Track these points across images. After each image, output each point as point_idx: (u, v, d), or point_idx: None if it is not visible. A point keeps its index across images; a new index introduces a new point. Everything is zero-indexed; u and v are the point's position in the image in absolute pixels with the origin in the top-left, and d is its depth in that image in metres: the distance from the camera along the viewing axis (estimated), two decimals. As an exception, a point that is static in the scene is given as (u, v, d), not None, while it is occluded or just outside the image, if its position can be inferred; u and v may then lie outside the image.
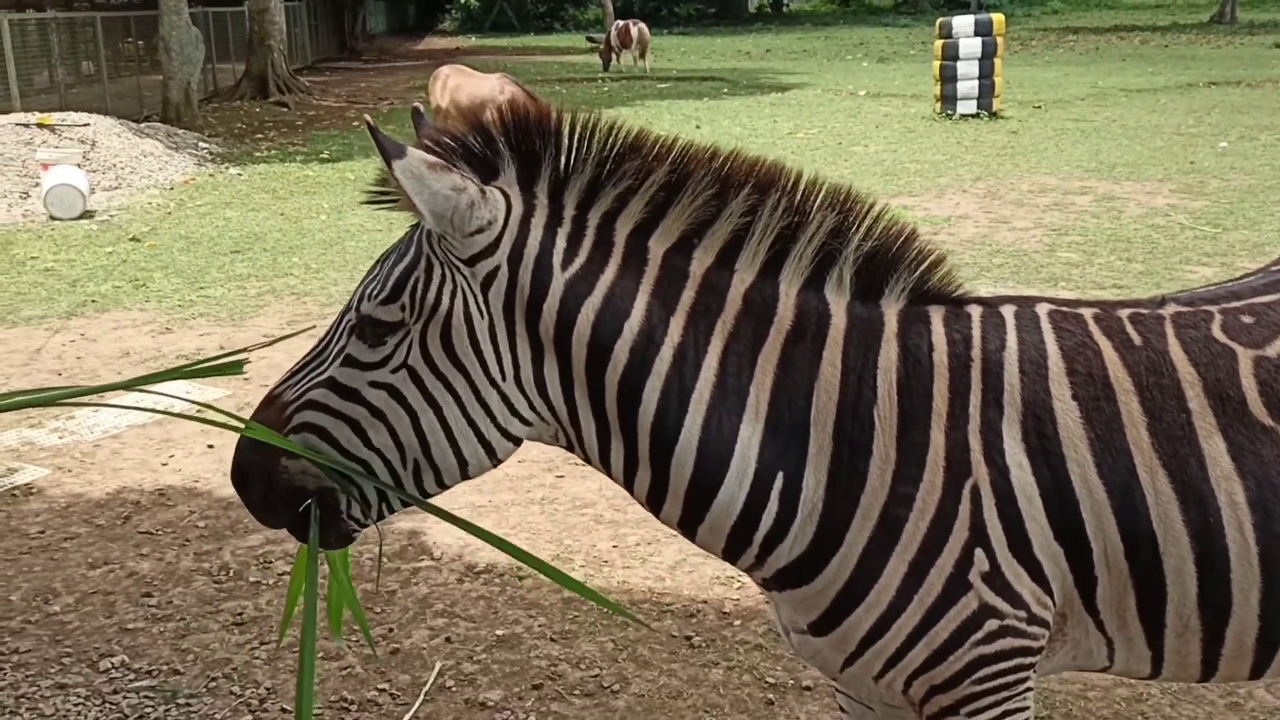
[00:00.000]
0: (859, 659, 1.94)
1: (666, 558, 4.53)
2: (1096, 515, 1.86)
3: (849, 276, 1.94)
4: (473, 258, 1.85)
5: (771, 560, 1.93)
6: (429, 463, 1.90)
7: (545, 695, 3.66)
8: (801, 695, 3.63)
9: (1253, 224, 10.10)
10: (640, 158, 1.90)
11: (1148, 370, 1.91)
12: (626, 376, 1.86)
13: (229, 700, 3.66)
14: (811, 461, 1.87)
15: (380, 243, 10.29)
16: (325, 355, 1.91)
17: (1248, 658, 1.96)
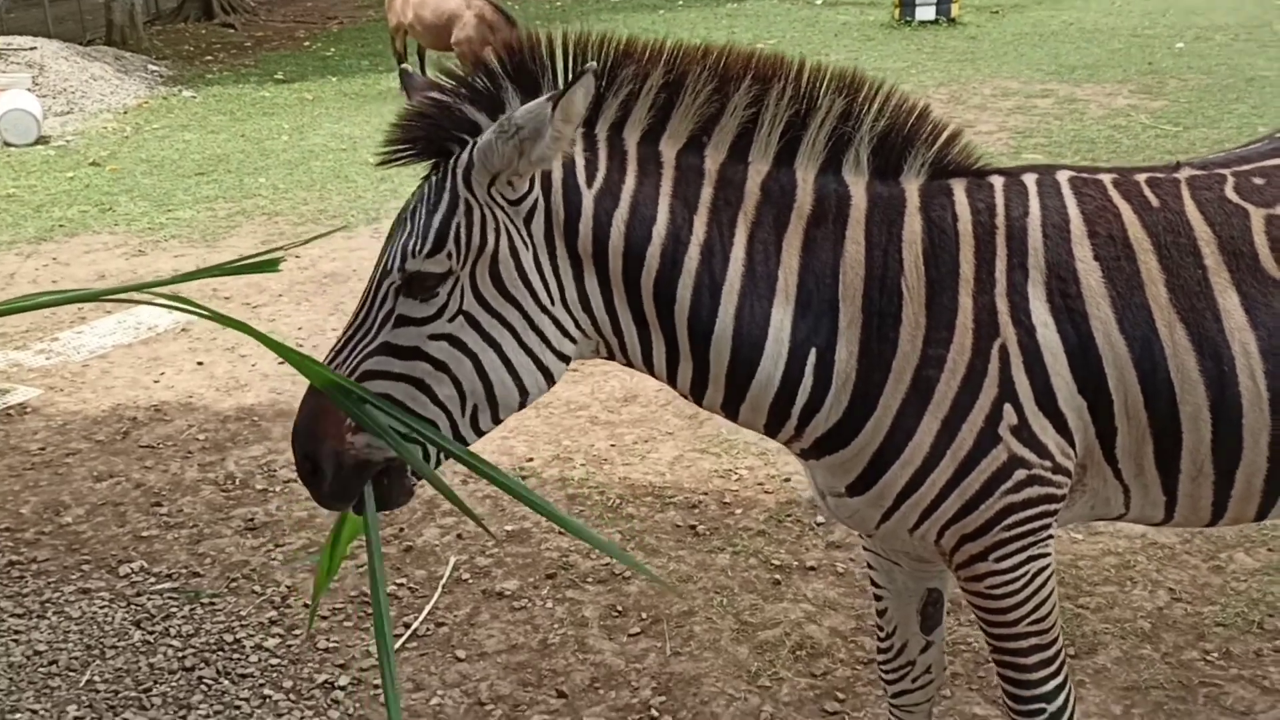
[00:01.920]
0: (895, 513, 2.05)
1: (664, 454, 4.65)
2: (1118, 369, 1.97)
3: (866, 157, 2.00)
4: (520, 199, 1.88)
5: (810, 430, 2.02)
6: (489, 402, 1.91)
7: (560, 584, 3.78)
8: (806, 574, 3.78)
9: (1212, 122, 10.25)
10: (634, 63, 1.92)
11: (1165, 230, 2.00)
12: (660, 278, 1.92)
13: (251, 599, 3.75)
14: (843, 335, 1.96)
15: (345, 162, 10.22)
16: (369, 324, 1.90)
17: (1255, 499, 2.09)
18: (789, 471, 4.46)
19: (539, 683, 3.31)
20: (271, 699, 3.27)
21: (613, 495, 4.33)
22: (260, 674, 3.38)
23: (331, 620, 3.63)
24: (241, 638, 3.55)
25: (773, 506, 4.21)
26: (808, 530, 4.04)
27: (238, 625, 3.61)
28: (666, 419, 4.96)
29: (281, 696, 3.28)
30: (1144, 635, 3.38)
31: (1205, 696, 3.11)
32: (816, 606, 3.60)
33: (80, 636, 3.56)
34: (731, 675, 3.30)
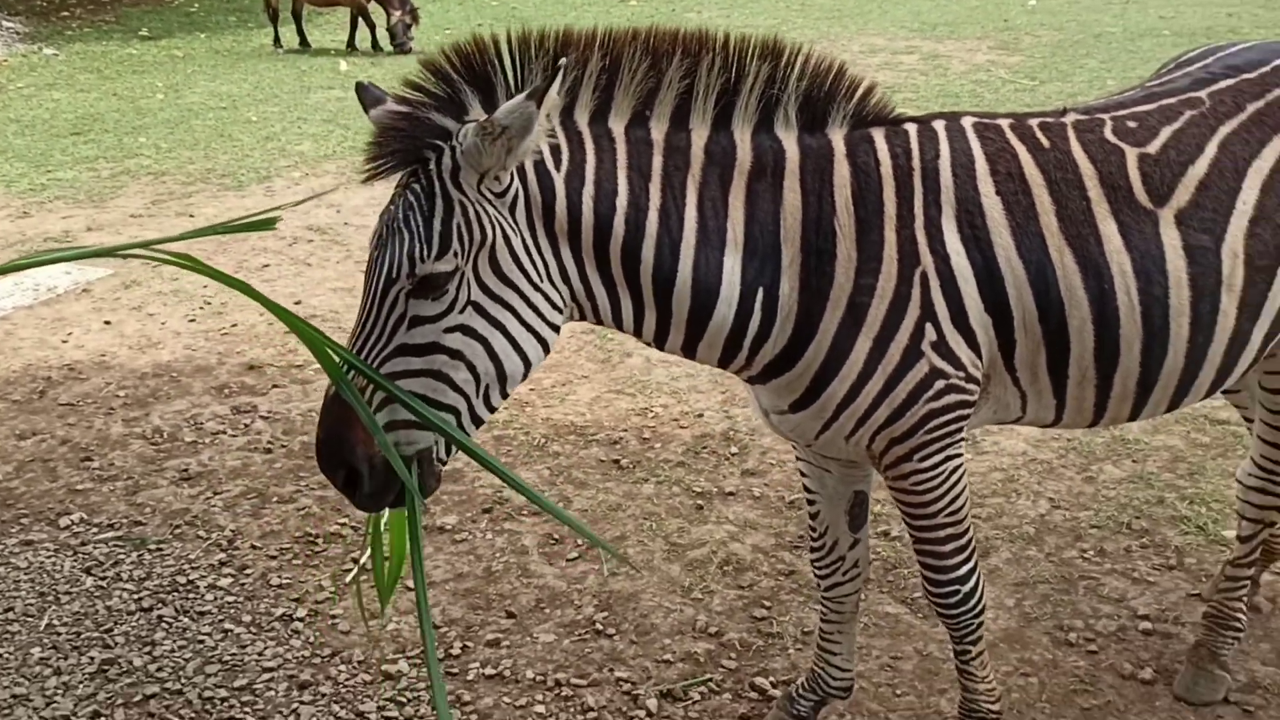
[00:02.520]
0: (834, 423, 2.33)
1: (582, 396, 4.89)
2: (1017, 289, 2.28)
3: (794, 114, 2.25)
4: (504, 191, 2.06)
5: (759, 358, 2.29)
6: (499, 378, 2.09)
7: (496, 517, 4.01)
8: (726, 499, 4.08)
9: (1064, 76, 10.88)
10: (574, 50, 2.11)
11: (1055, 167, 2.32)
12: (626, 244, 2.14)
13: (197, 544, 3.88)
14: (785, 273, 2.22)
15: (227, 121, 10.09)
16: (379, 331, 2.02)
17: (1129, 399, 2.44)
18: (701, 408, 4.76)
19: (488, 606, 3.54)
20: (233, 632, 3.42)
21: (537, 435, 4.56)
22: (218, 611, 3.53)
23: (280, 559, 3.79)
24: (194, 579, 3.68)
25: (689, 440, 4.50)
26: (723, 460, 4.35)
27: (189, 568, 3.74)
28: (581, 364, 5.20)
29: (243, 630, 3.44)
30: (1029, 539, 3.78)
31: (1084, 588, 3.52)
32: (738, 527, 3.91)
33: (32, 585, 3.64)
34: (666, 590, 3.59)
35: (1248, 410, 3.22)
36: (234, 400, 4.93)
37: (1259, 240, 2.36)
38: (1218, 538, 3.73)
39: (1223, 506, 3.88)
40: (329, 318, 5.76)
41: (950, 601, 2.54)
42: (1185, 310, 2.33)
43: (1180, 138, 2.37)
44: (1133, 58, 11.55)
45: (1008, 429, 4.40)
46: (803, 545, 3.78)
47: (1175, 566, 3.61)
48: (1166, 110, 2.43)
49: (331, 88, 11.59)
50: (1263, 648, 3.22)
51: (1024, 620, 3.37)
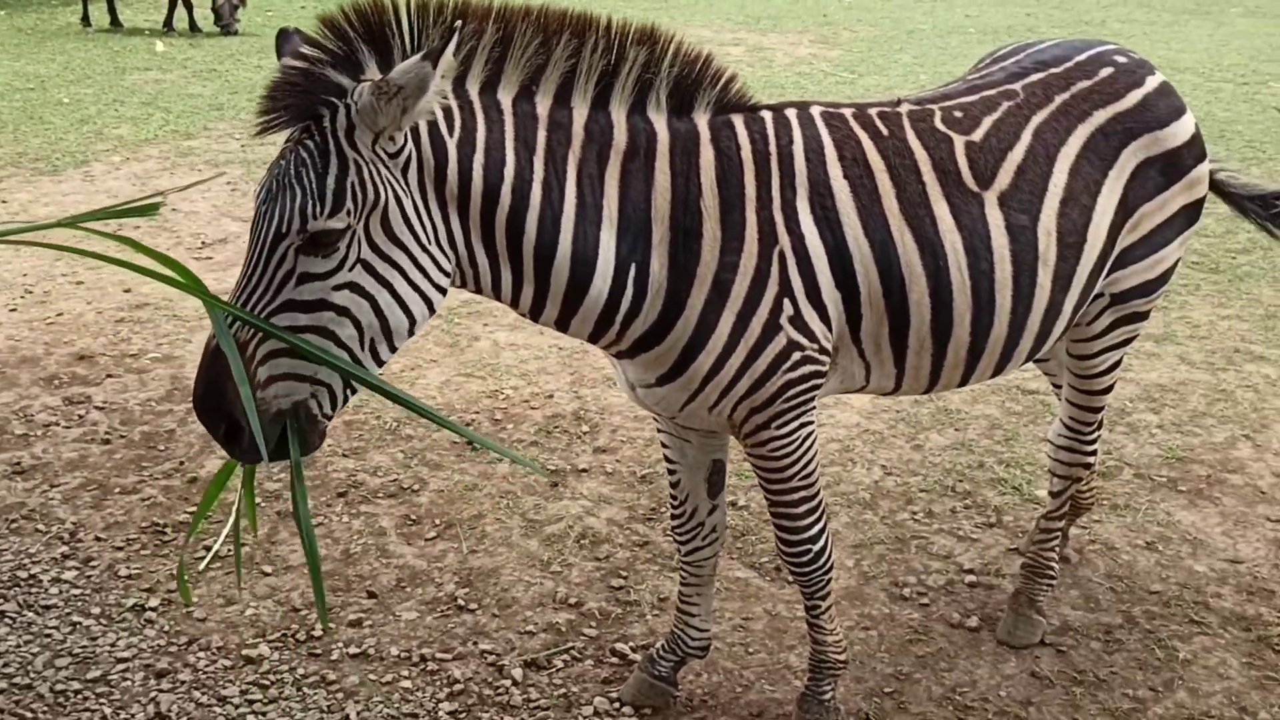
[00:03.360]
0: (700, 395, 2.47)
1: (433, 380, 4.93)
2: (864, 266, 2.47)
3: (664, 98, 2.37)
4: (398, 151, 2.11)
5: (629, 333, 2.40)
6: (385, 334, 2.14)
7: (352, 500, 4.02)
8: (579, 476, 4.20)
9: (881, 70, 11.40)
10: (472, 20, 2.17)
11: (894, 154, 2.52)
12: (511, 214, 2.23)
13: (37, 538, 3.76)
14: (655, 250, 2.34)
15: (36, 103, 9.61)
16: (265, 287, 2.05)
17: (960, 366, 2.67)
18: (551, 389, 4.86)
19: (348, 587, 3.56)
20: (82, 625, 3.35)
21: (389, 419, 4.58)
22: (65, 604, 3.44)
23: (128, 550, 3.71)
24: (36, 573, 3.58)
25: (540, 420, 4.60)
26: (575, 439, 4.46)
27: (29, 562, 3.63)
28: (429, 348, 5.23)
29: (92, 622, 3.37)
30: (865, 504, 4.03)
31: (916, 547, 3.78)
32: (593, 502, 4.03)
33: None
34: (526, 565, 3.68)
35: (1055, 377, 3.53)
36: (65, 391, 4.76)
37: (1068, 219, 2.61)
38: (1031, 497, 4.06)
39: (1035, 468, 4.22)
40: (161, 305, 5.60)
41: (803, 560, 2.72)
42: (1008, 284, 2.56)
43: (1000, 126, 2.61)
44: (943, 53, 12.17)
45: (842, 403, 4.66)
46: (655, 517, 3.94)
47: (995, 524, 3.91)
48: (987, 101, 2.66)
49: (148, 69, 11.15)
50: (1073, 594, 3.54)
51: (863, 579, 3.61)
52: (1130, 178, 2.71)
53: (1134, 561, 3.68)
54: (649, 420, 4.57)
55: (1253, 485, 4.13)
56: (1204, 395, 4.80)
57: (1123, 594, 3.53)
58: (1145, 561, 3.68)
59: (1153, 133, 2.74)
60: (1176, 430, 4.51)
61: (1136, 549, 3.75)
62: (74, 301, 5.65)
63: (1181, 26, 13.51)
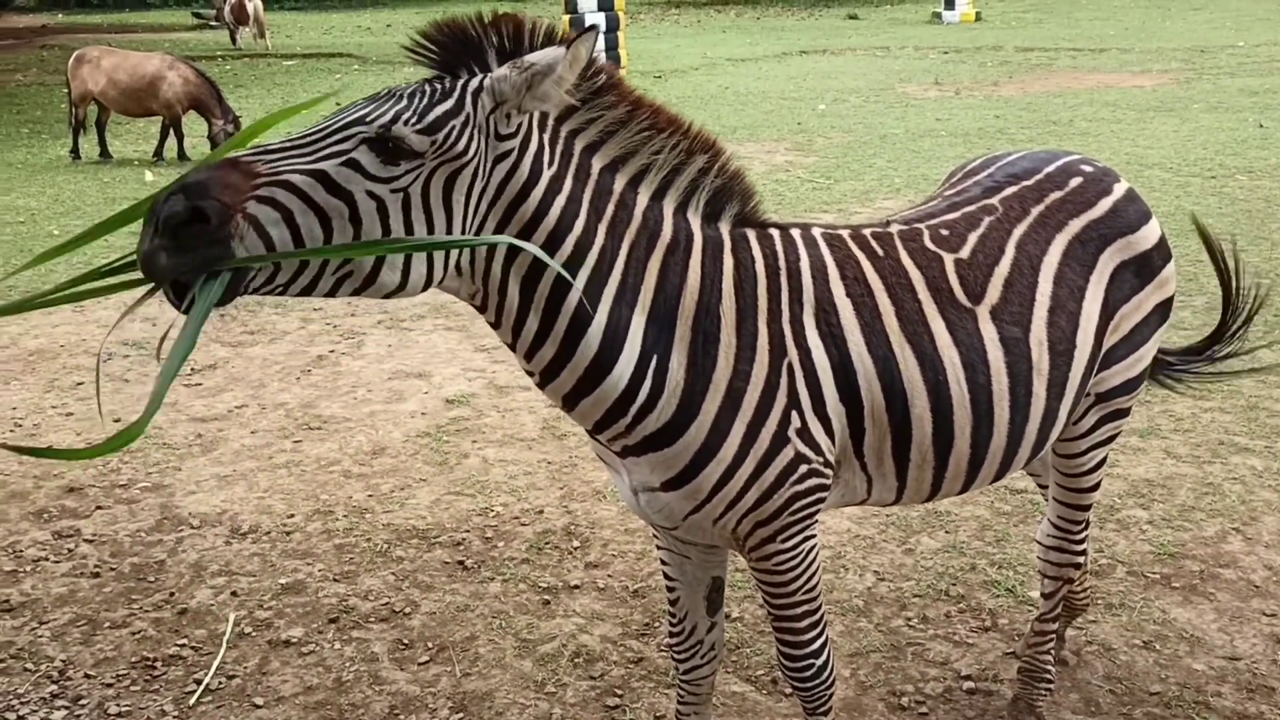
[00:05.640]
0: (706, 505, 2.47)
1: (422, 499, 4.93)
2: (867, 381, 2.51)
3: (702, 203, 2.46)
4: (506, 136, 2.17)
5: (641, 428, 2.41)
6: (367, 276, 2.10)
7: (343, 626, 3.99)
8: (571, 592, 4.18)
9: (856, 175, 11.63)
10: (616, 95, 2.30)
11: (890, 273, 2.58)
12: (567, 266, 2.26)
13: (25, 677, 3.72)
14: (677, 347, 2.38)
15: (25, 235, 9.76)
16: (314, 151, 2.05)
17: (961, 477, 2.70)
18: (540, 504, 4.86)
19: (340, 717, 3.52)
20: (72, 767, 3.30)
21: (379, 541, 4.57)
22: (54, 746, 3.40)
23: (117, 687, 3.67)
24: (24, 714, 3.52)
25: (531, 537, 4.59)
26: (566, 555, 4.45)
27: (18, 703, 3.58)
28: (418, 467, 5.24)
29: (82, 763, 3.32)
30: (859, 611, 4.02)
31: (912, 654, 3.76)
32: (586, 619, 4.01)
33: None
34: (520, 687, 3.64)
35: (1041, 478, 3.56)
36: (55, 525, 4.74)
37: (1057, 327, 2.68)
38: (1025, 598, 4.05)
39: (1027, 569, 4.22)
40: (152, 434, 5.62)
41: (805, 675, 2.71)
42: (1005, 395, 2.61)
43: (985, 242, 2.69)
44: (915, 156, 12.43)
45: (832, 510, 4.66)
46: (649, 633, 3.91)
47: (990, 628, 3.90)
48: (969, 218, 2.74)
49: (137, 198, 11.30)
50: (1072, 698, 3.51)
51: (860, 688, 3.58)
52: (1109, 281, 2.79)
53: (1132, 662, 3.67)
54: (640, 533, 4.57)
55: (1246, 580, 4.13)
56: (1192, 489, 4.82)
57: (1123, 696, 3.51)
58: (1144, 661, 3.67)
59: (1125, 237, 2.82)
60: (1167, 525, 4.53)
61: (1134, 649, 3.74)
62: (63, 434, 5.66)
63: (1147, 124, 13.86)
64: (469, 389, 6.25)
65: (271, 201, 1.99)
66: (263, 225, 1.98)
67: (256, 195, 1.98)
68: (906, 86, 18.39)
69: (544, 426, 5.68)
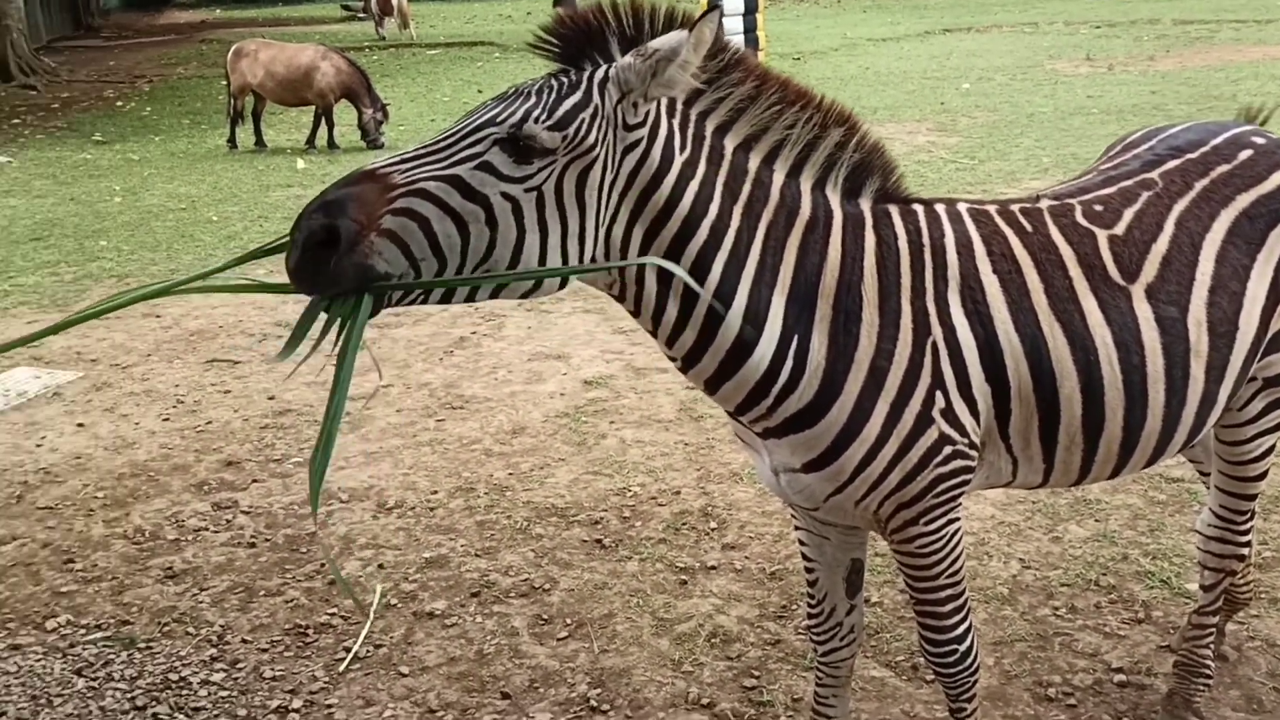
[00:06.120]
0: (848, 487, 2.43)
1: (561, 478, 4.99)
2: (1014, 360, 2.43)
3: (841, 179, 2.41)
4: (634, 126, 2.18)
5: (782, 409, 2.39)
6: (502, 276, 2.12)
7: (485, 600, 4.08)
8: (708, 573, 4.18)
9: (1002, 155, 11.30)
10: (739, 70, 2.28)
11: (1040, 249, 2.50)
12: (704, 251, 2.26)
13: (186, 640, 3.90)
14: (818, 327, 2.35)
15: (186, 221, 10.19)
16: (448, 156, 2.07)
17: (1111, 461, 2.60)
18: (678, 485, 4.87)
19: (482, 688, 3.59)
20: (230, 726, 3.45)
21: (519, 518, 4.64)
22: (213, 706, 3.55)
23: (272, 652, 3.82)
24: (186, 675, 3.70)
25: (668, 517, 4.60)
26: (703, 535, 4.45)
27: (180, 665, 3.76)
28: (557, 447, 5.31)
29: (239, 724, 3.46)
30: (1004, 599, 3.91)
31: (1060, 644, 3.65)
32: (723, 600, 4.00)
33: (23, 689, 3.64)
34: (657, 665, 3.66)
35: (1202, 464, 3.40)
36: (214, 496, 4.96)
37: (1218, 308, 2.55)
38: (1182, 591, 3.88)
39: (1184, 561, 4.04)
40: (304, 411, 5.82)
41: (949, 660, 2.65)
42: (1160, 377, 2.50)
43: (1141, 218, 2.57)
44: (1065, 135, 12.01)
45: (976, 494, 4.55)
46: (786, 615, 3.88)
47: (1144, 620, 3.75)
48: (1126, 193, 2.63)
49: (290, 185, 11.74)
50: (1232, 694, 3.36)
51: (1004, 678, 3.49)
52: None
53: (1298, 659, 3.48)
54: (778, 515, 4.54)
55: None
56: (1365, 480, 4.55)
57: (1288, 694, 3.33)
58: (1311, 659, 3.48)
59: None
60: (1337, 518, 4.28)
61: (1300, 645, 3.55)
62: (222, 410, 5.92)
63: (1318, 96, 13.14)
64: (607, 370, 6.30)
65: (408, 212, 2.03)
66: (400, 236, 2.02)
67: (393, 207, 2.02)
68: (1056, 63, 17.79)
69: (681, 408, 5.68)
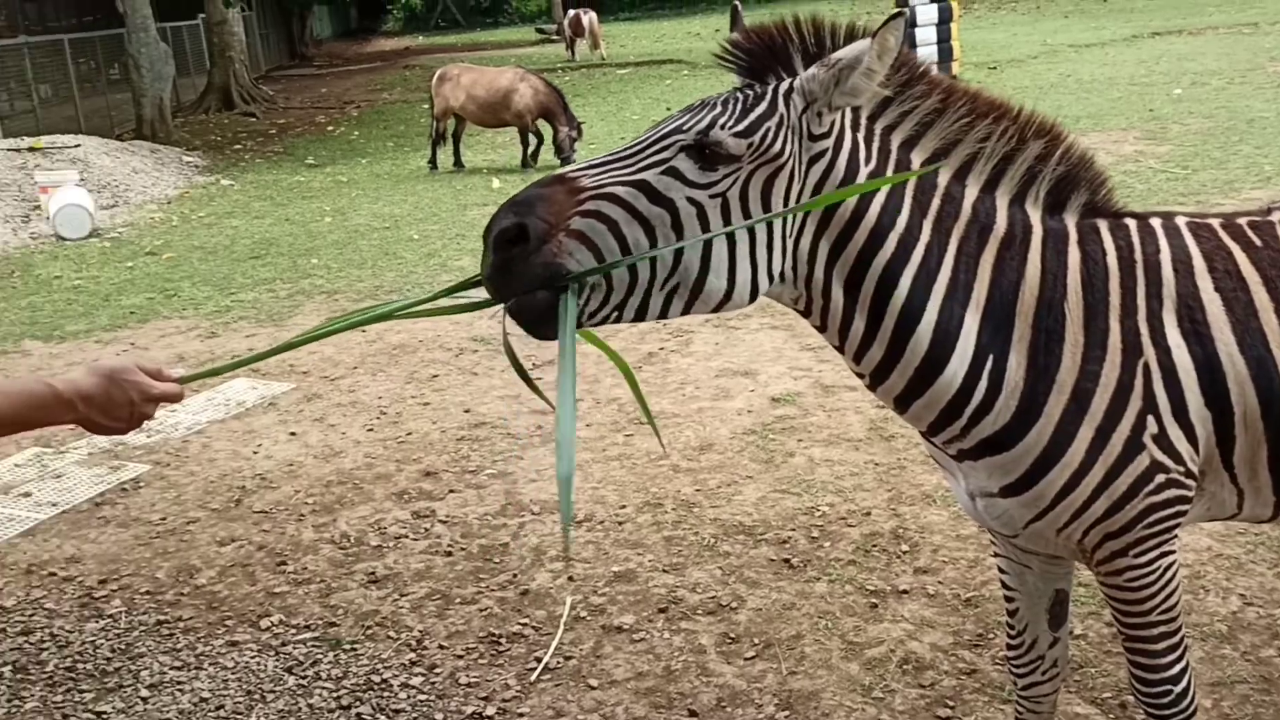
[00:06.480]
0: (1049, 514, 2.33)
1: (748, 496, 4.96)
2: (1239, 384, 2.28)
3: (1043, 193, 2.32)
4: (819, 136, 2.18)
5: (976, 431, 2.31)
6: (694, 287, 2.14)
7: (672, 616, 4.08)
8: (900, 597, 4.08)
9: (1218, 164, 10.67)
10: (923, 83, 2.24)
11: (1270, 265, 2.33)
12: (891, 264, 2.22)
13: (388, 644, 4.05)
14: (1015, 346, 2.26)
15: (391, 240, 10.64)
16: (636, 162, 2.11)
17: None
18: (868, 506, 4.77)
19: (670, 705, 3.60)
20: (428, 730, 3.56)
21: (706, 535, 4.64)
22: (412, 709, 3.68)
23: (467, 659, 3.93)
24: (387, 678, 3.84)
25: (858, 539, 4.52)
26: (894, 558, 4.35)
27: (381, 667, 3.91)
28: (744, 464, 5.28)
29: (436, 727, 3.57)
30: (1222, 637, 3.67)
31: (1286, 688, 3.40)
32: (915, 625, 3.90)
33: (239, 684, 3.86)
34: (846, 690, 3.59)
35: None
36: (413, 505, 5.15)
37: None
38: None
39: None
40: (497, 424, 5.98)
41: (1162, 702, 2.49)
42: None
43: None
44: (1290, 141, 11.26)
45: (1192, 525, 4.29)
46: (982, 644, 3.75)
47: (1384, 666, 3.46)
48: None
49: (486, 204, 12.13)
50: None
51: (1223, 722, 3.27)
52: None
53: None
54: (973, 539, 4.39)
55: None
56: None
57: None
58: None
59: None
60: None
61: None
62: (421, 421, 6.14)
63: None
64: (795, 388, 6.24)
65: (597, 214, 2.06)
66: (589, 237, 2.06)
67: (581, 209, 2.06)
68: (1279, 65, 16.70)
69: (871, 427, 5.58)
